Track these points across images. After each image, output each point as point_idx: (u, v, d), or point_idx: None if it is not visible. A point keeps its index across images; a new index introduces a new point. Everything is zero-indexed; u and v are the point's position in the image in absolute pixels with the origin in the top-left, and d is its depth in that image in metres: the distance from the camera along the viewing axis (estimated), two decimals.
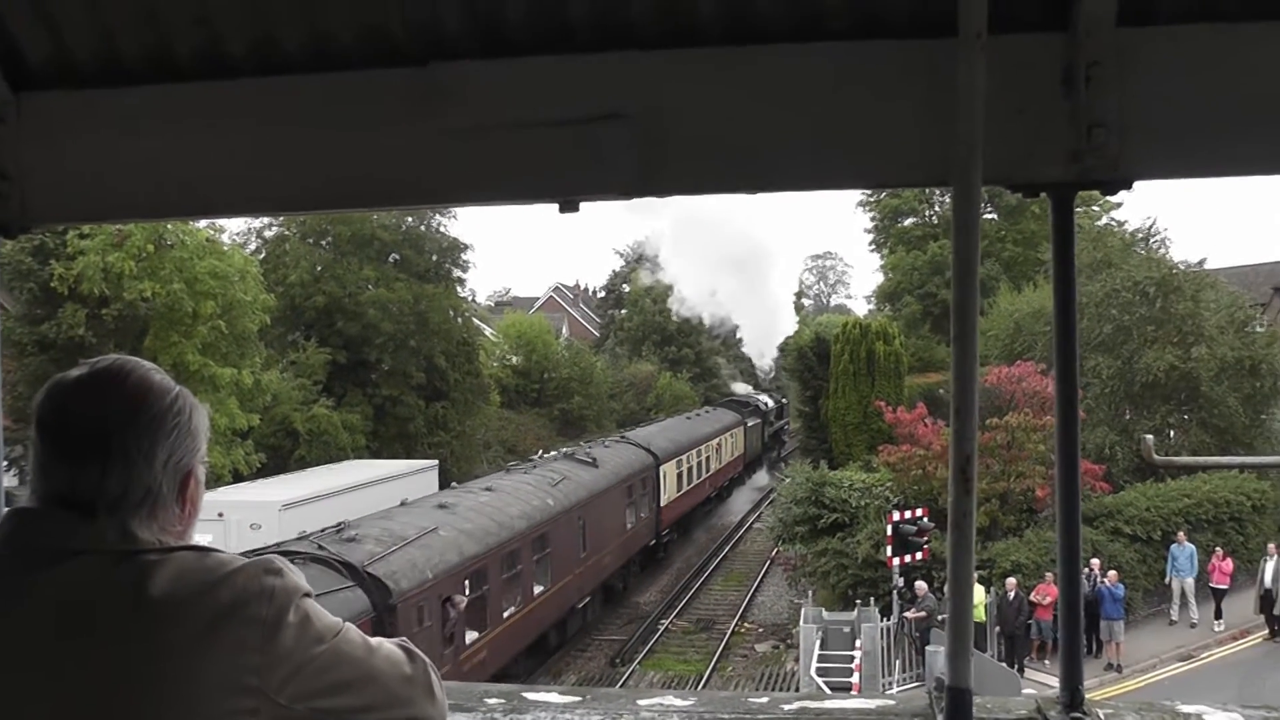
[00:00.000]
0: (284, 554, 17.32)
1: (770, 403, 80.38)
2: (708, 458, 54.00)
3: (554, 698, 4.08)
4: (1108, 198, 52.56)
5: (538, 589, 29.77)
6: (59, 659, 1.96)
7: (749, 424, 67.32)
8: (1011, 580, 28.06)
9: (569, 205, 3.89)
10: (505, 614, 27.55)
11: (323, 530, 24.39)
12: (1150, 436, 12.72)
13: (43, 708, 1.96)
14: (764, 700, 4.04)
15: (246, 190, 4.11)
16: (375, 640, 2.23)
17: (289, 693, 2.02)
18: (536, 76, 3.77)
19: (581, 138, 3.72)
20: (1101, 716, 3.71)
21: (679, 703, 4.00)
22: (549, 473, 34.73)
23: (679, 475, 47.51)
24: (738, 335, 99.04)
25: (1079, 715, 3.68)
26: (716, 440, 56.85)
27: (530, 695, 4.09)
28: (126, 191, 4.15)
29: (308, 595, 2.12)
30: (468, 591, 25.14)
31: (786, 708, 3.95)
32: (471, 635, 25.50)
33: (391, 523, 25.44)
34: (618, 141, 3.70)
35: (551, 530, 30.93)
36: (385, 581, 21.76)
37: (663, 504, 44.39)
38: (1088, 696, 3.78)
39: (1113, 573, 28.38)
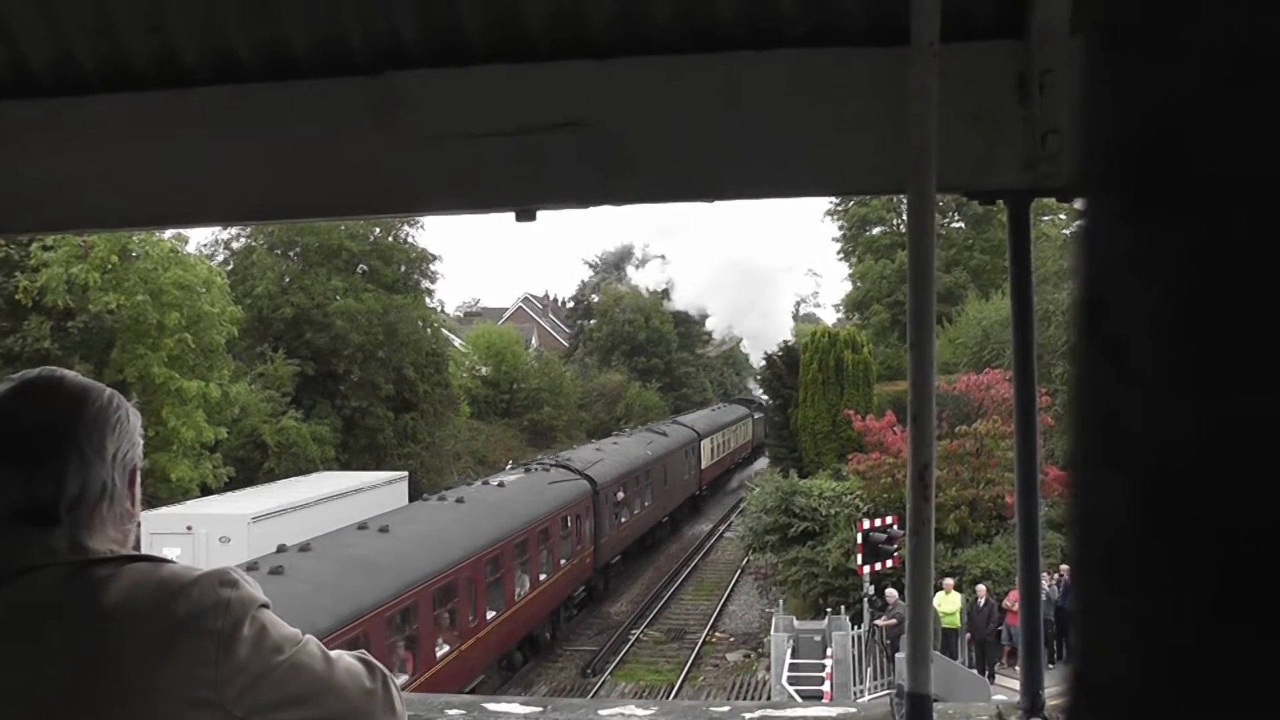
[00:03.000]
0: (536, 464, 40.74)
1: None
2: (729, 438, 70.85)
3: (515, 708, 4.06)
4: (1074, 206, 52.80)
5: (647, 503, 46.56)
6: (10, 677, 1.94)
7: (755, 417, 79.23)
8: (981, 587, 28.10)
9: (526, 214, 3.88)
10: (634, 511, 44.25)
11: (548, 455, 45.18)
12: None
13: None
14: (725, 709, 4.05)
15: (204, 200, 4.09)
16: (335, 653, 2.20)
17: (246, 704, 2.00)
18: (493, 86, 3.76)
19: (538, 147, 3.72)
20: None
21: (640, 712, 4.00)
22: (644, 437, 52.66)
23: (712, 449, 63.68)
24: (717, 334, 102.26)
25: None
26: (735, 426, 73.75)
27: (491, 706, 4.08)
28: (85, 201, 4.14)
29: (265, 606, 2.10)
30: (623, 493, 41.92)
31: (748, 716, 3.95)
32: (623, 519, 42.08)
33: (578, 454, 44.54)
34: (575, 150, 3.70)
35: (652, 469, 47.68)
36: (594, 478, 38.51)
37: (703, 467, 60.64)
38: (1050, 703, 3.79)
39: None
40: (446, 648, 25.14)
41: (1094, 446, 0.57)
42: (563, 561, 34.22)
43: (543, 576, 32.05)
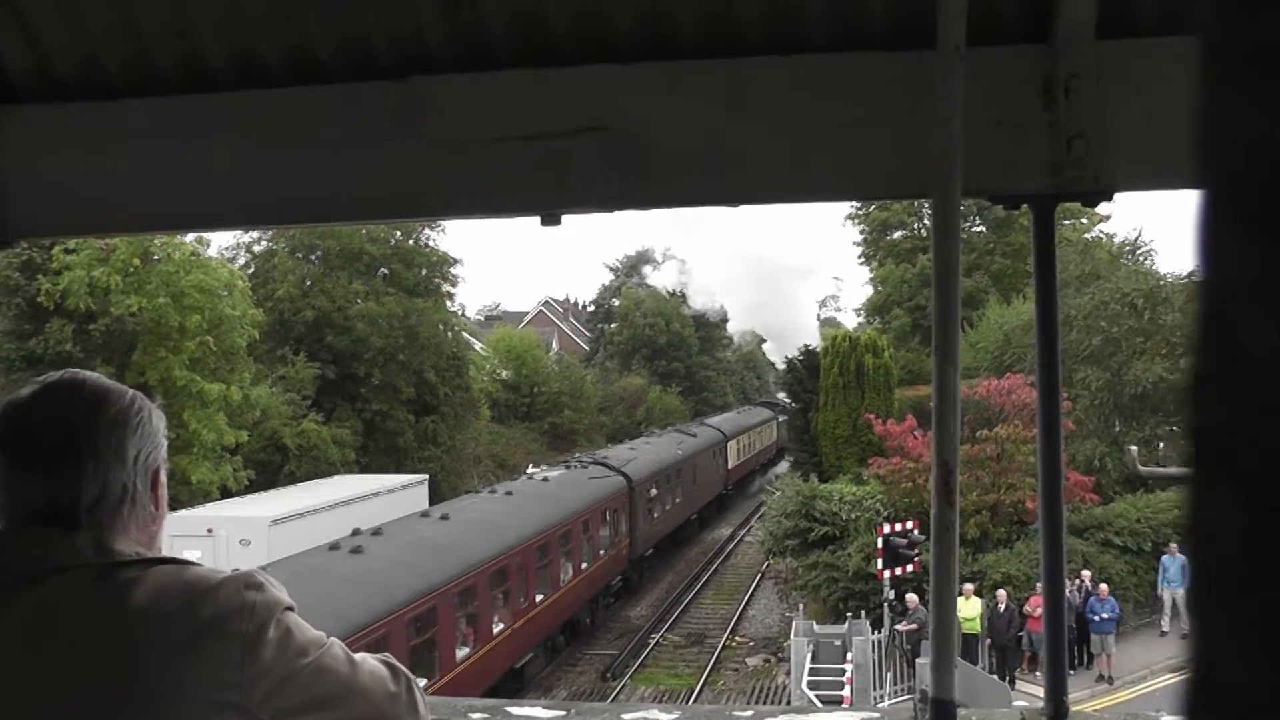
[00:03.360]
0: (575, 461, 44.71)
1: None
2: (754, 440, 73.55)
3: (539, 712, 4.06)
4: (1094, 210, 52.65)
5: (677, 500, 49.83)
6: (36, 679, 1.94)
7: (779, 419, 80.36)
8: (1002, 593, 27.99)
9: (551, 218, 3.88)
10: (666, 507, 47.41)
11: (589, 454, 48.55)
12: (1134, 448, 12.74)
13: None
14: (749, 714, 4.04)
15: (228, 203, 4.09)
16: (359, 655, 2.20)
17: (271, 707, 2.00)
18: (518, 90, 3.76)
19: (563, 151, 3.71)
20: None
21: (664, 716, 3.99)
22: (674, 437, 56.42)
23: (738, 450, 66.85)
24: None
25: None
26: (759, 428, 76.31)
27: (514, 710, 4.07)
28: (109, 204, 4.15)
29: (290, 609, 2.10)
30: (656, 489, 45.03)
31: None
32: (656, 515, 45.21)
33: (613, 452, 48.20)
34: (599, 154, 3.70)
35: (682, 468, 51.08)
36: (630, 475, 41.71)
37: (729, 467, 63.75)
38: (1074, 709, 3.77)
39: (1104, 586, 28.14)
40: (502, 625, 27.94)
41: (1211, 461, 0.58)
42: (602, 552, 37.60)
43: (584, 565, 35.40)
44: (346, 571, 21.49)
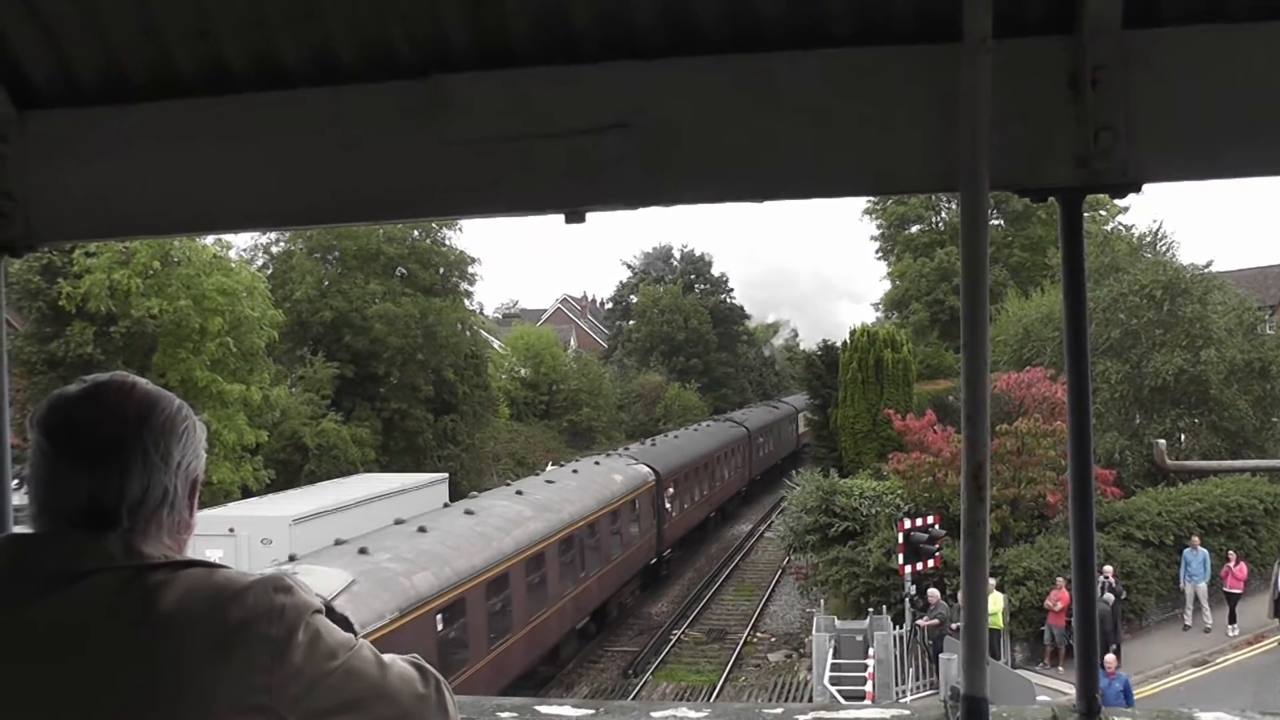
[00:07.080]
0: (714, 419, 75.20)
1: None
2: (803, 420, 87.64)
3: (567, 711, 4.04)
4: (1115, 202, 52.52)
5: (771, 448, 71.91)
6: (63, 684, 1.94)
7: None
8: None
9: (575, 216, 3.86)
10: (766, 451, 69.82)
11: (723, 414, 74.32)
12: (1162, 441, 12.67)
13: None
14: (778, 711, 4.01)
15: (250, 205, 4.08)
16: (388, 657, 2.21)
17: (301, 710, 2.00)
18: (540, 88, 3.74)
19: (586, 148, 3.69)
20: None
21: (693, 714, 3.96)
22: (766, 408, 79.17)
23: (804, 420, 77.89)
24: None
25: None
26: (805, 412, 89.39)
27: (543, 709, 4.06)
28: (131, 208, 4.13)
29: (318, 612, 2.10)
30: (761, 438, 67.61)
31: (801, 718, 3.92)
32: (761, 454, 67.45)
33: (735, 414, 71.88)
34: (623, 151, 3.67)
35: (773, 427, 73.18)
36: (749, 427, 65.56)
37: (799, 432, 78.52)
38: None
39: (1110, 657, 23.80)
40: (708, 491, 52.46)
41: None
42: (737, 470, 60.46)
43: (730, 474, 58.76)
44: (689, 439, 54.37)
